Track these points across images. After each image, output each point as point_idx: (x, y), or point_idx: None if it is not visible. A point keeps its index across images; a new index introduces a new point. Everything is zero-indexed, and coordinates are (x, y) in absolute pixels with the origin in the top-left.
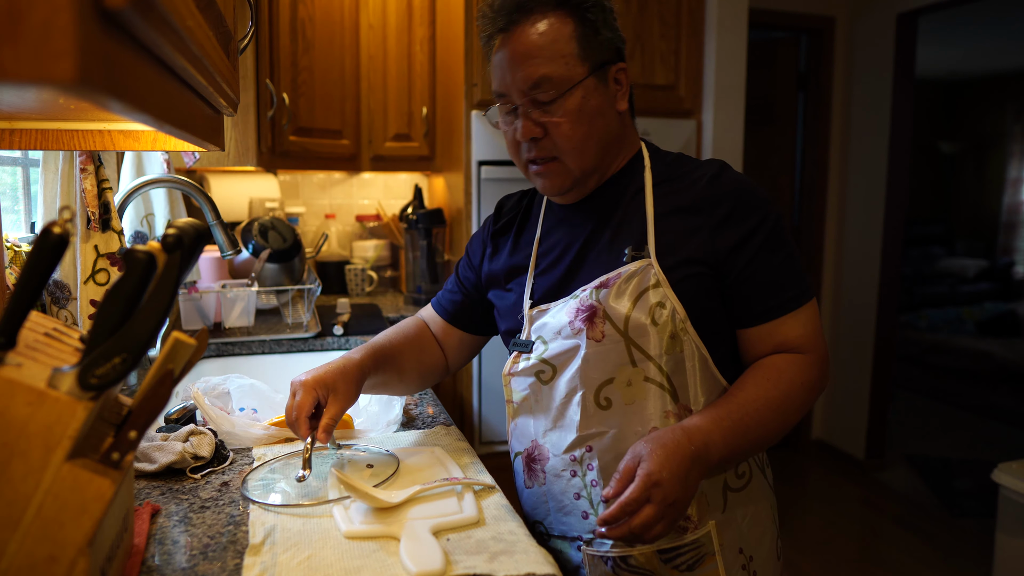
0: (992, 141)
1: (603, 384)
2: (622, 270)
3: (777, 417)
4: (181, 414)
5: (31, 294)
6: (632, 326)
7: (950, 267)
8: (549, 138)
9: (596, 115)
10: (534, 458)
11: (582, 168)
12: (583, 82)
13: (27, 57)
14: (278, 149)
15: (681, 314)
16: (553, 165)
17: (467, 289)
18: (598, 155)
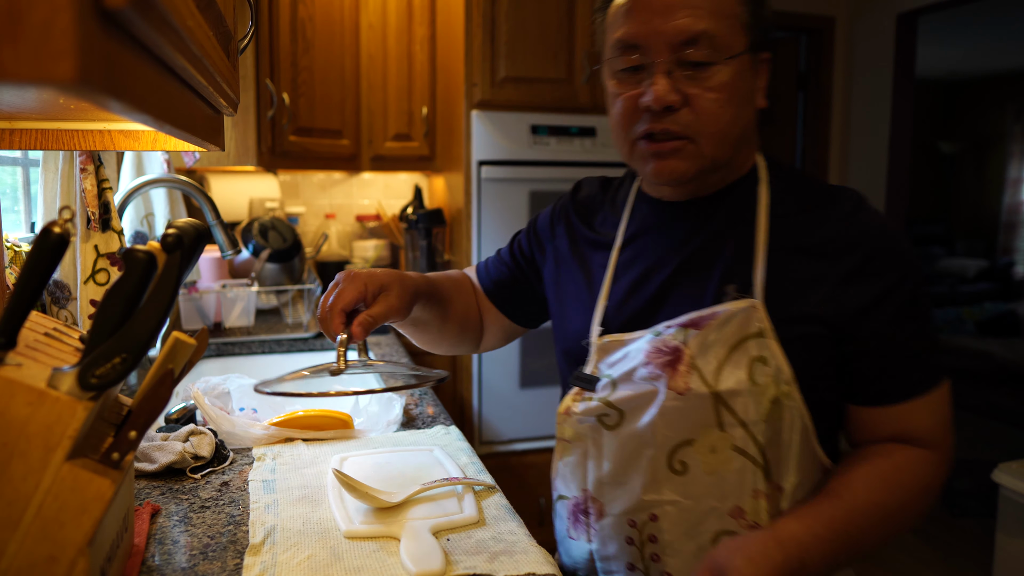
0: (992, 141)
1: (680, 445)
2: (719, 309)
3: (888, 528)
4: (181, 414)
5: (31, 294)
6: (724, 382)
7: (950, 267)
8: (689, 111)
9: (745, 100)
10: (584, 510)
11: (715, 157)
12: (741, 56)
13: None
14: (278, 149)
15: (787, 375)
16: (682, 146)
17: (520, 267)
18: (734, 148)
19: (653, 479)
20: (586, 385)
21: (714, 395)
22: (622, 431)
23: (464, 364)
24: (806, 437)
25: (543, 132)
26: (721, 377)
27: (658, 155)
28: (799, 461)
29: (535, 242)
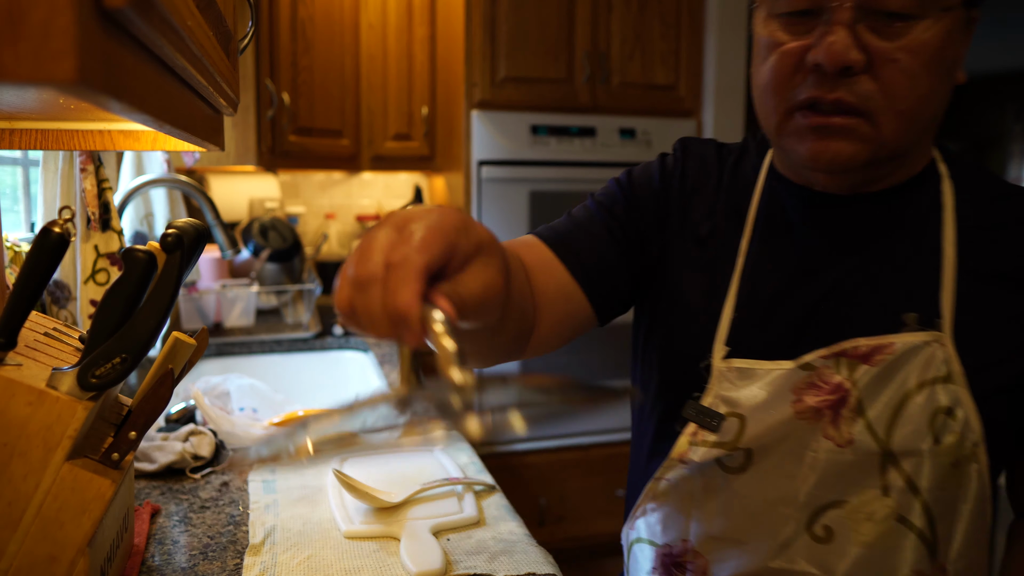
0: (992, 141)
1: (827, 507)
2: (896, 341)
3: None
4: (181, 414)
5: (31, 294)
6: (898, 436)
7: None
8: (870, 79)
9: (948, 71)
10: (680, 564)
11: (896, 142)
12: (953, 11)
13: (27, 57)
14: (278, 149)
15: (976, 434)
16: (855, 124)
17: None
18: (923, 132)
19: (785, 543)
20: (707, 422)
21: (884, 452)
22: (748, 477)
23: None
24: (982, 510)
25: (543, 132)
26: (895, 429)
27: (821, 131)
28: (972, 537)
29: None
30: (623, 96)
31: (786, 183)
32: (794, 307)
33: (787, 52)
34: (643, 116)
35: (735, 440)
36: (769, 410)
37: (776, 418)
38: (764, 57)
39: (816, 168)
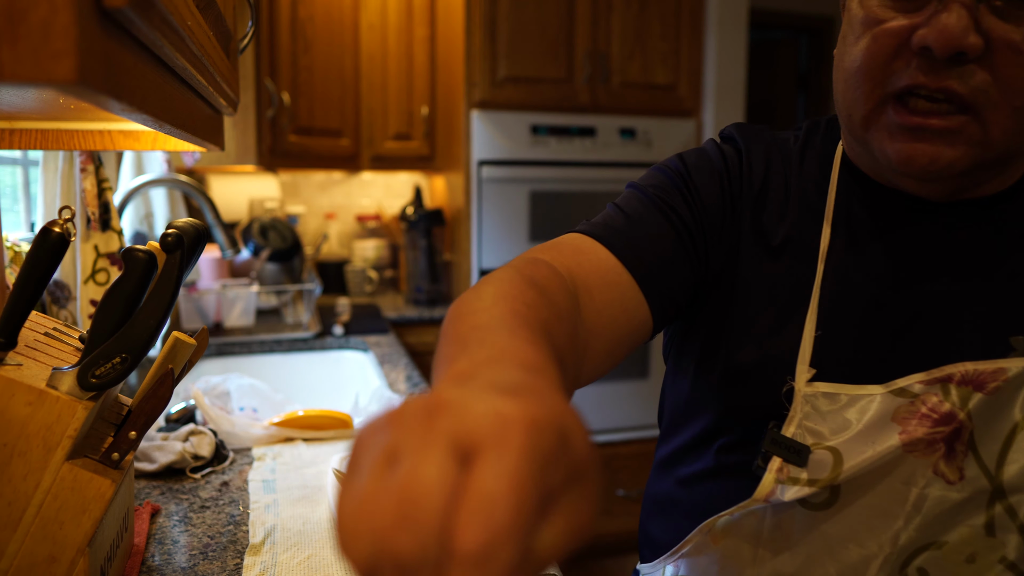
0: None
1: (924, 547)
2: (1011, 366)
3: None
4: (181, 414)
5: (31, 294)
6: (1010, 471)
7: None
8: (988, 67)
9: None
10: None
11: (1007, 144)
12: None
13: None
14: (278, 149)
15: None
16: (961, 124)
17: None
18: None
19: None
20: (793, 457)
21: (995, 489)
22: (835, 514)
23: None
24: None
25: (543, 132)
26: (1006, 463)
27: (916, 132)
28: None
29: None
30: (623, 96)
31: (865, 182)
32: (885, 325)
33: (888, 32)
34: (643, 116)
35: (832, 477)
36: (869, 442)
37: (878, 450)
38: (858, 37)
39: (907, 173)
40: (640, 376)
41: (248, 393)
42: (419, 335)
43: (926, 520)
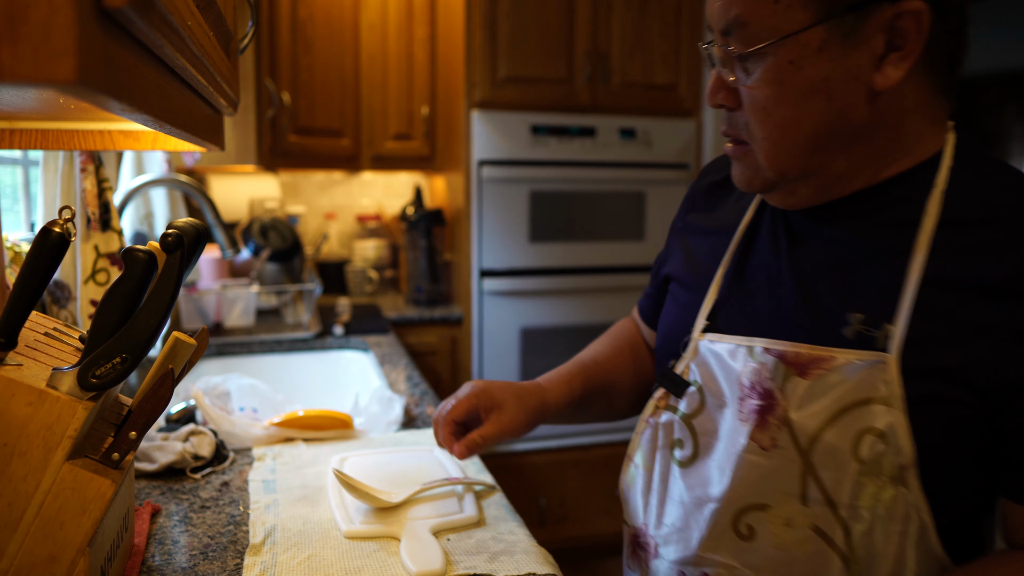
0: (993, 141)
1: (751, 507)
2: (836, 354)
3: None
4: (181, 414)
5: (31, 294)
6: (821, 450)
7: None
8: (743, 111)
9: (813, 91)
10: (639, 544)
11: (775, 168)
12: (798, 35)
13: (27, 57)
14: (278, 149)
15: (907, 458)
16: (742, 150)
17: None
18: (807, 154)
19: (712, 537)
20: (673, 388)
21: (805, 460)
22: (692, 472)
23: (463, 365)
24: (923, 536)
25: (543, 132)
26: (818, 441)
27: (731, 156)
28: (902, 563)
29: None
30: (623, 96)
31: None
32: (762, 295)
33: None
34: (643, 116)
35: (692, 415)
36: (724, 391)
37: (729, 406)
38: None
39: (740, 188)
40: None
41: (248, 393)
42: (419, 335)
43: (744, 479)
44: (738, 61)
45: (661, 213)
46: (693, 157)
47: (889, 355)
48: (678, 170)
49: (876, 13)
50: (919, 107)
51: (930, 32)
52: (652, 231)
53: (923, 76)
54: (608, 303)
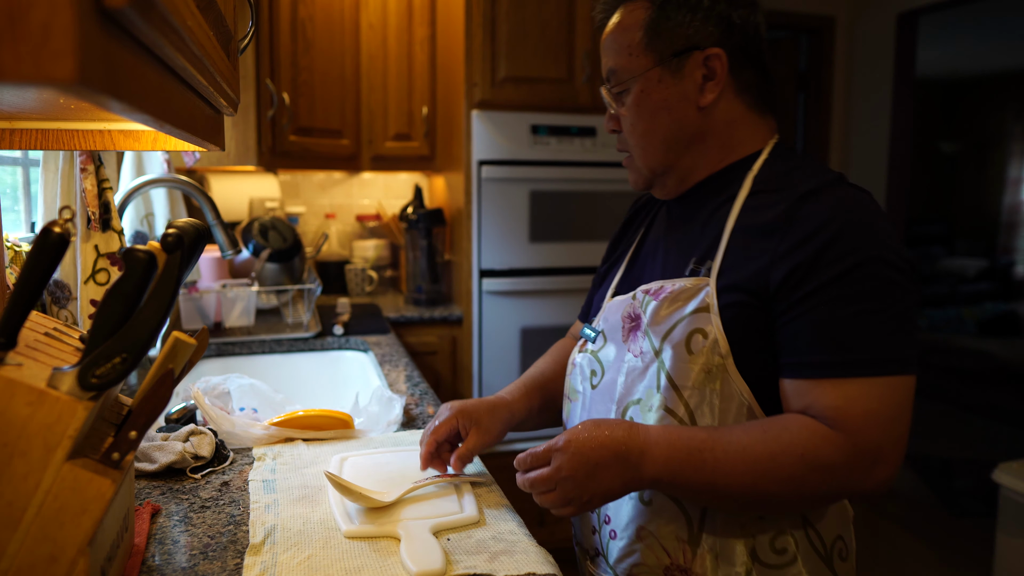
0: (992, 141)
1: (631, 403)
2: (677, 283)
3: (749, 472)
4: (181, 414)
5: (31, 294)
6: (666, 349)
7: (950, 267)
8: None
9: (659, 109)
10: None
11: (648, 166)
12: (644, 74)
13: (27, 57)
14: (278, 149)
15: (723, 348)
16: (628, 159)
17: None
18: (665, 152)
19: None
20: (588, 336)
21: (658, 359)
22: (600, 390)
23: (463, 365)
24: (748, 411)
25: (543, 132)
26: (665, 344)
27: (626, 167)
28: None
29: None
30: None
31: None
32: (645, 262)
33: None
34: None
35: (599, 349)
36: (613, 331)
37: (615, 339)
38: None
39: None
40: None
41: (248, 393)
42: (419, 335)
43: (627, 383)
44: (615, 96)
45: None
46: None
47: (709, 279)
48: None
49: (693, 56)
50: (739, 119)
51: (731, 68)
52: None
53: (737, 98)
54: None
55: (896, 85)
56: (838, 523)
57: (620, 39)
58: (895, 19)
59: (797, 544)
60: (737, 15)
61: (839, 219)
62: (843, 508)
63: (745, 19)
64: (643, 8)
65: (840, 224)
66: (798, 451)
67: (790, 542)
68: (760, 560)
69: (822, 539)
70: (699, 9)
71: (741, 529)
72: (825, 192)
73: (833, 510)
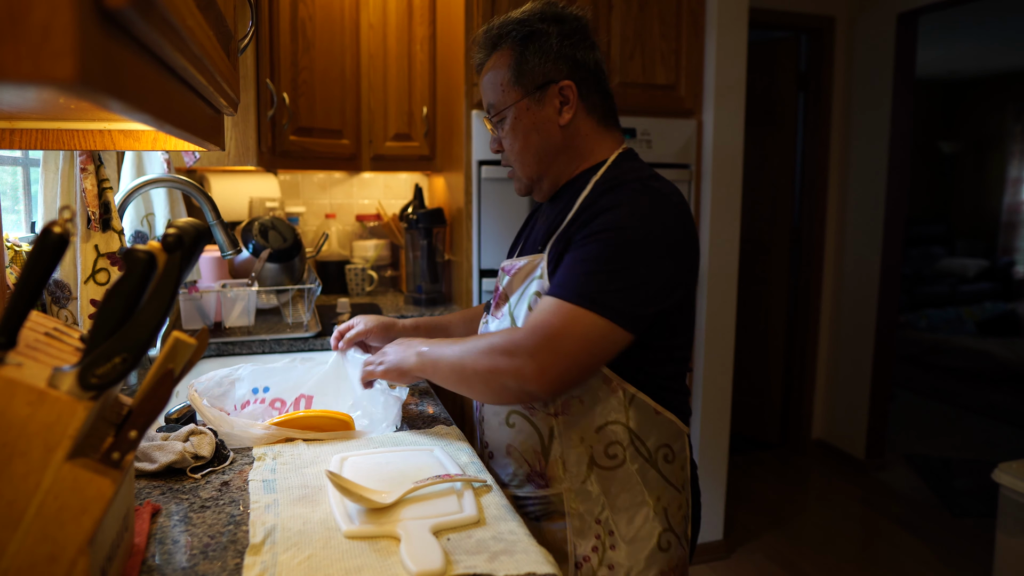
0: (992, 141)
1: None
2: (524, 259)
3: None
4: (181, 413)
5: (31, 294)
6: (517, 309)
7: (950, 267)
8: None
9: (530, 131)
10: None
11: (527, 175)
12: (515, 104)
13: (27, 57)
14: (278, 149)
15: None
16: (512, 172)
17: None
18: (537, 164)
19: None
20: (487, 308)
21: (511, 316)
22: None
23: None
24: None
25: None
26: (516, 307)
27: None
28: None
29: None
30: (623, 96)
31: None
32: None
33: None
34: (643, 116)
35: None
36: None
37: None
38: None
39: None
40: None
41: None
42: None
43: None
44: (496, 124)
45: None
46: (693, 157)
47: (543, 255)
48: (678, 170)
49: (550, 88)
50: (591, 133)
51: (580, 94)
52: None
53: (588, 117)
54: None
55: (896, 85)
56: (664, 435)
57: (494, 79)
58: (895, 19)
59: (625, 451)
60: (580, 55)
61: (610, 209)
62: (670, 423)
63: (586, 57)
64: (508, 54)
65: (607, 211)
66: (486, 341)
67: (619, 450)
68: (597, 464)
69: (647, 447)
70: (550, 52)
71: (580, 441)
72: (613, 192)
73: (657, 425)
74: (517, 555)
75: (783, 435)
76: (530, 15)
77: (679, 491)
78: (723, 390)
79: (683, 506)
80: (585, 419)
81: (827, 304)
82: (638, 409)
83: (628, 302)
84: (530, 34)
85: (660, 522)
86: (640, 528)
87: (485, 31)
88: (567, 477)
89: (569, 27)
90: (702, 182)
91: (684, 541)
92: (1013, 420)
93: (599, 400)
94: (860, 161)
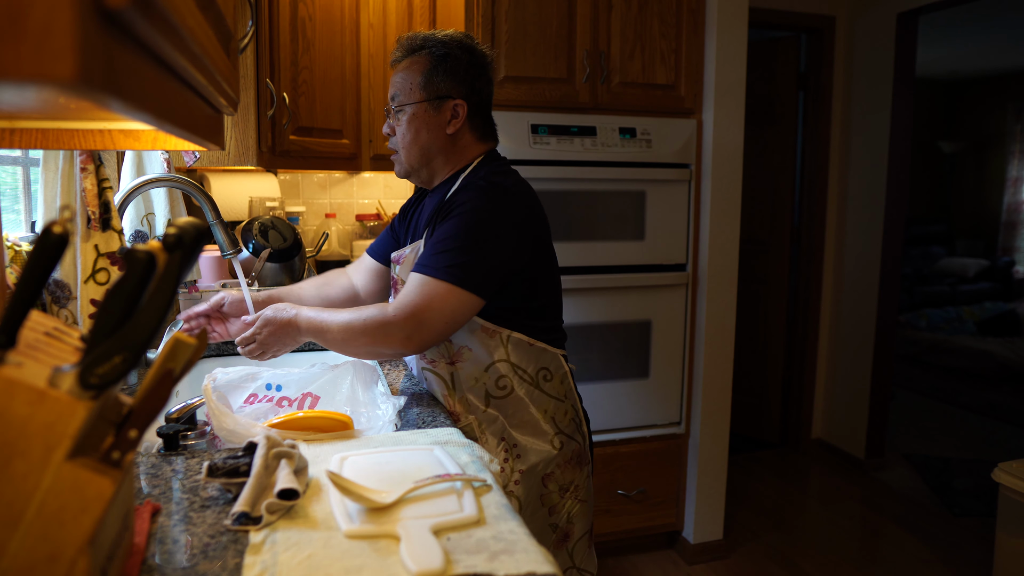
0: (992, 141)
1: None
2: (410, 247)
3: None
4: (181, 413)
5: (31, 293)
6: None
7: (950, 267)
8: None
9: (421, 129)
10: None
11: (408, 163)
12: (417, 104)
13: (27, 56)
14: (278, 148)
15: None
16: (396, 156)
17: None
18: (419, 157)
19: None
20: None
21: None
22: None
23: None
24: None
25: (543, 131)
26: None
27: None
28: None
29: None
30: (623, 95)
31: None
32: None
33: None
34: (643, 115)
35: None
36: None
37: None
38: None
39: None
40: (640, 376)
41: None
42: None
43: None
44: (395, 113)
45: (661, 212)
46: (693, 156)
47: (421, 241)
48: (678, 169)
49: (447, 102)
50: (472, 141)
51: (468, 114)
52: (652, 230)
53: (469, 132)
54: (608, 302)
55: (896, 85)
56: (540, 360)
57: (406, 78)
58: (895, 19)
59: (511, 380)
60: (478, 84)
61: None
62: (543, 351)
63: (483, 87)
64: (424, 63)
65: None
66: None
67: (508, 380)
68: (492, 396)
69: (528, 373)
70: (458, 74)
71: (475, 381)
72: (462, 191)
73: (533, 355)
74: (517, 554)
75: (783, 435)
76: (450, 39)
77: (561, 401)
78: (723, 390)
79: (568, 411)
80: (476, 363)
81: (827, 304)
82: (515, 346)
83: (474, 271)
84: (447, 55)
85: (551, 427)
86: (536, 437)
87: (410, 37)
88: (473, 410)
89: (477, 60)
90: (702, 182)
91: (578, 436)
92: (1013, 420)
93: (485, 346)
94: (860, 161)
